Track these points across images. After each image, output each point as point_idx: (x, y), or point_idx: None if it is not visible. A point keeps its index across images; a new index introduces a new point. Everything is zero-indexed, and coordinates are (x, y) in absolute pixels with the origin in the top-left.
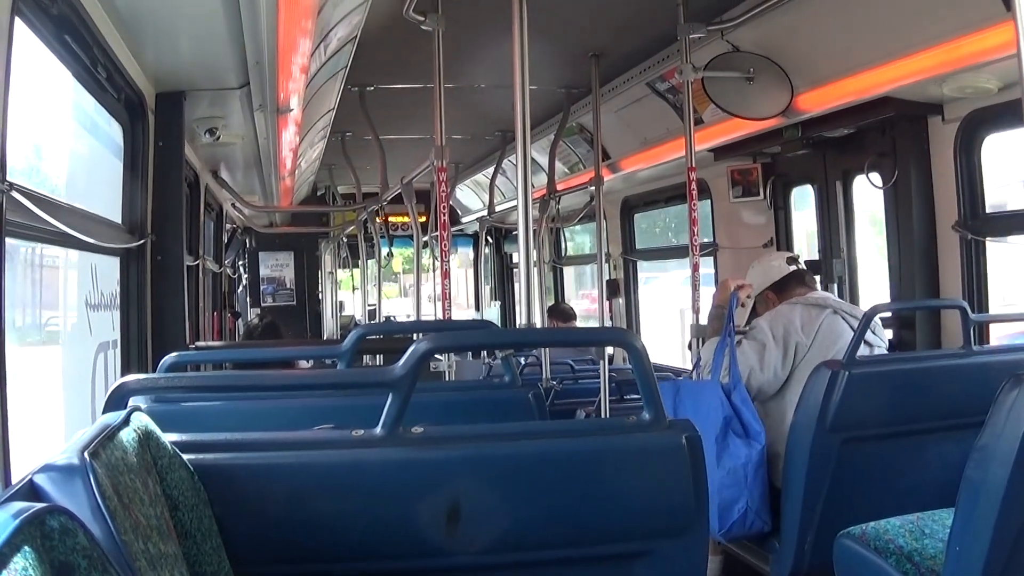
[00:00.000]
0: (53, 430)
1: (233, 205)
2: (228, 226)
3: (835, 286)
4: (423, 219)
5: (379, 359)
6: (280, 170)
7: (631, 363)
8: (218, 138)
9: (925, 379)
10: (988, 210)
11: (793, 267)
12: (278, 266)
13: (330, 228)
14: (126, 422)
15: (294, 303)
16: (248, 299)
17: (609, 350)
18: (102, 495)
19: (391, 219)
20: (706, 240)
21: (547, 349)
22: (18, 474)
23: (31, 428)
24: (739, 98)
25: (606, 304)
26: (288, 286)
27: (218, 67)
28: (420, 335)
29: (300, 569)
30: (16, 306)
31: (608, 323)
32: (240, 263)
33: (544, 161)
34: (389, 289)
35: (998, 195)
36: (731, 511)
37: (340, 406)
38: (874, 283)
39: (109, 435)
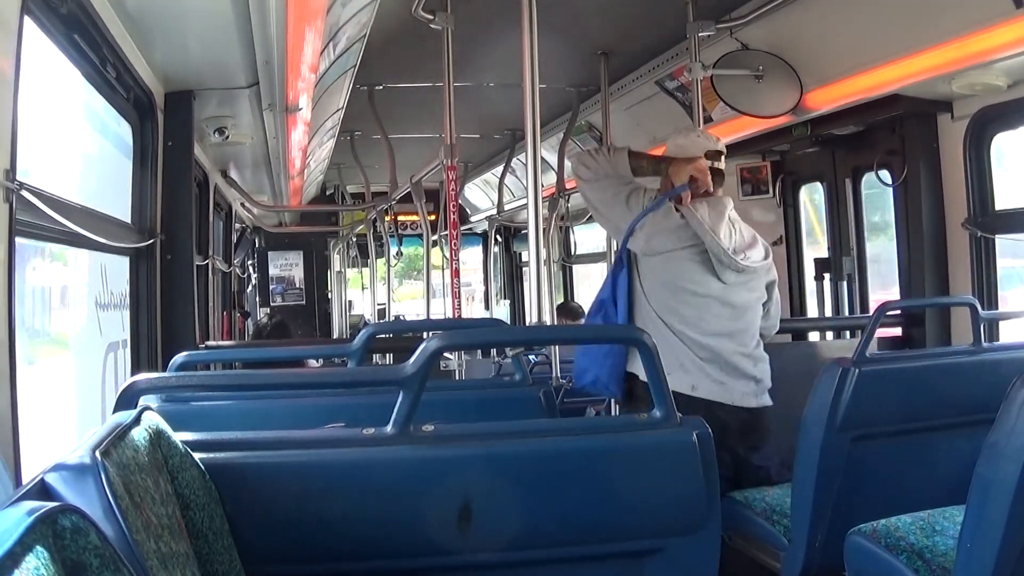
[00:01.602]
0: (64, 429)
1: (242, 204)
2: (237, 226)
3: (844, 284)
4: (432, 218)
5: (388, 358)
6: (289, 169)
7: (642, 360)
8: (227, 138)
9: (935, 376)
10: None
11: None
12: (287, 265)
13: (339, 227)
14: (137, 421)
15: (303, 302)
16: (257, 299)
17: None
18: (114, 494)
19: (400, 218)
20: None
21: (557, 347)
22: (29, 473)
23: (43, 427)
24: (748, 96)
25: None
26: (297, 285)
27: (227, 66)
28: (430, 333)
29: (311, 568)
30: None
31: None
32: (249, 263)
33: (553, 160)
34: (414, 289)
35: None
36: (583, 376)
37: (350, 404)
38: None
39: (120, 434)
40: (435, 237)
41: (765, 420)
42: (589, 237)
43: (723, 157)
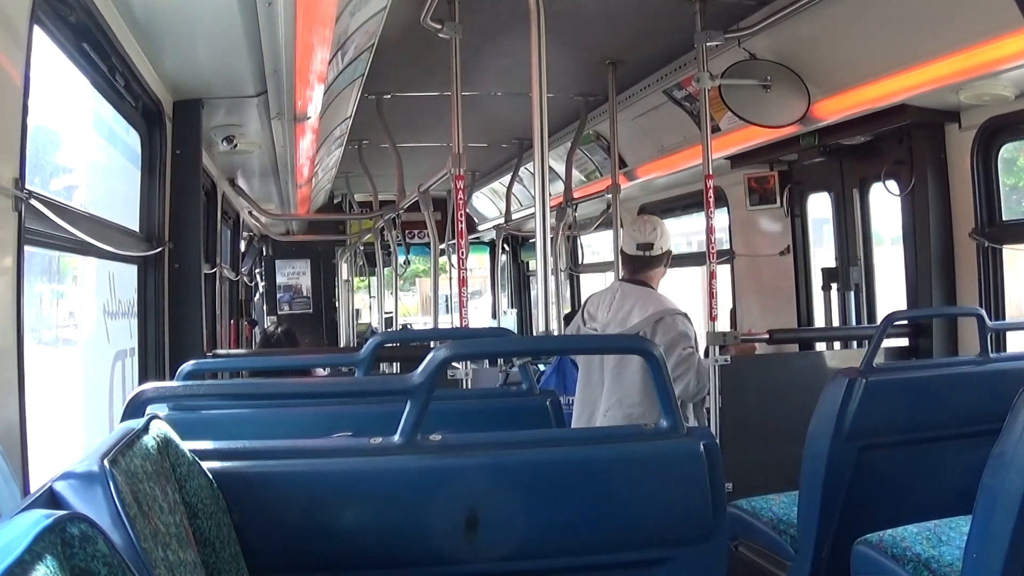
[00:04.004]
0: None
1: (250, 213)
2: (245, 234)
3: (852, 294)
4: (440, 227)
5: (395, 367)
6: (297, 178)
7: (650, 370)
8: (235, 146)
9: (942, 386)
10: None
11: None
12: (295, 274)
13: (347, 236)
14: (145, 430)
15: (310, 311)
16: (265, 307)
17: None
18: (122, 502)
19: (407, 227)
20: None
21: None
22: (37, 481)
23: (51, 436)
24: (756, 106)
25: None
26: (305, 294)
27: (235, 75)
28: (437, 343)
29: None
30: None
31: None
32: (257, 271)
33: (561, 169)
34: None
35: None
36: None
37: (358, 413)
38: None
39: (128, 443)
40: (443, 246)
41: None
42: (597, 246)
43: (652, 245)
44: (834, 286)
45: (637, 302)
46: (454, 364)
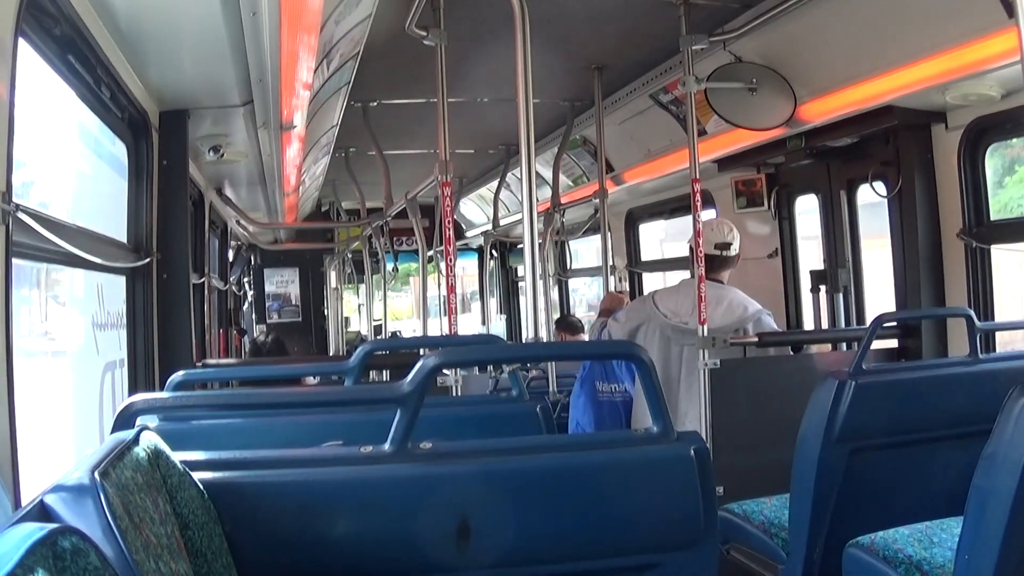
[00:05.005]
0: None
1: (238, 222)
2: (233, 243)
3: (840, 296)
4: (428, 234)
5: (385, 375)
6: (284, 187)
7: (639, 376)
8: (222, 155)
9: (932, 388)
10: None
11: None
12: (283, 283)
13: (335, 244)
14: (135, 441)
15: (300, 319)
16: (254, 316)
17: None
18: (113, 515)
19: (396, 234)
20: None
21: (554, 362)
22: (28, 494)
23: (41, 448)
24: (742, 109)
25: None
26: (294, 302)
27: (221, 85)
28: (426, 350)
29: None
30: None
31: None
32: (246, 280)
33: (548, 174)
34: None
35: None
36: None
37: (348, 422)
38: None
39: (119, 454)
40: (431, 253)
41: None
42: (585, 251)
43: (730, 245)
44: (823, 288)
45: (730, 301)
46: (444, 371)
